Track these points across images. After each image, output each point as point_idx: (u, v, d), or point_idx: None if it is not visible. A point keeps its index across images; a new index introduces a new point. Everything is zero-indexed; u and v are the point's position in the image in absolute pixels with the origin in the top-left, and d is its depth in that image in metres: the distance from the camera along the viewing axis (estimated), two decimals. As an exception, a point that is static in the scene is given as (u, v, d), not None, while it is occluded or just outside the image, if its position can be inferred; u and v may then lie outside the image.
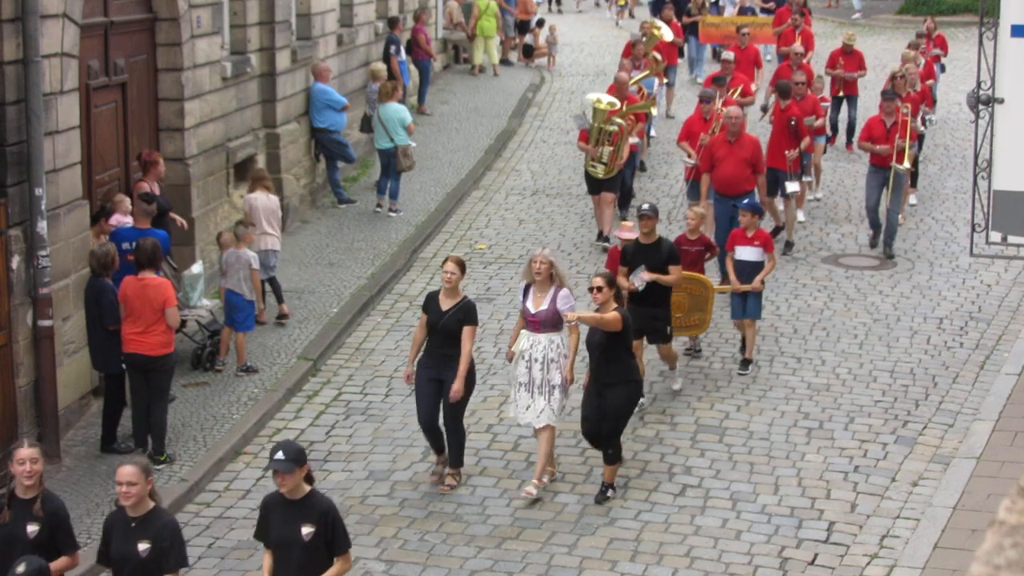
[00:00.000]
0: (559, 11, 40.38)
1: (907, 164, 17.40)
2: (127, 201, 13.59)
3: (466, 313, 11.50)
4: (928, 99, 19.99)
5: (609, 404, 11.28)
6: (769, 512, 11.36)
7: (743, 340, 14.37)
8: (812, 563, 10.58)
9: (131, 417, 12.34)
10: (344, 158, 19.97)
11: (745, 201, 14.84)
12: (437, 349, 11.52)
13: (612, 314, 11.44)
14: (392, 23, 23.79)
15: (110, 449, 12.34)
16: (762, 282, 14.17)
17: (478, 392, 12.43)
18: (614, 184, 17.90)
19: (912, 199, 19.73)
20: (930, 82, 22.47)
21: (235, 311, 14.08)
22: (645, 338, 13.12)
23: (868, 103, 22.95)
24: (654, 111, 20.81)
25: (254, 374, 14.01)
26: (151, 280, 12.08)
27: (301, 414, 13.37)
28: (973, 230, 14.09)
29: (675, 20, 26.06)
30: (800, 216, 18.83)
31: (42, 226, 11.91)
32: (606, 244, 17.23)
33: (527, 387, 11.53)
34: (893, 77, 19.20)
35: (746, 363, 14.23)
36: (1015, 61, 13.32)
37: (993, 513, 3.06)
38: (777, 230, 17.78)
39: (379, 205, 19.61)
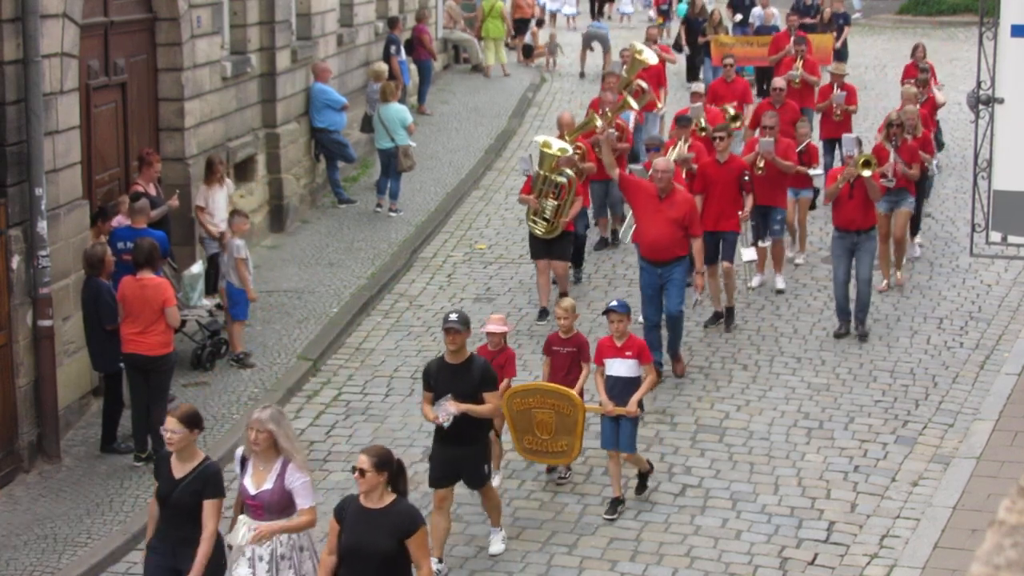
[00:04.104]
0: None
1: (868, 173, 14.38)
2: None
3: (206, 481, 8.59)
4: (929, 145, 17.15)
5: None
6: (769, 512, 11.36)
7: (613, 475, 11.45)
8: (812, 563, 10.58)
9: (131, 417, 12.35)
10: (344, 158, 19.99)
11: (614, 302, 11.56)
12: (171, 530, 8.63)
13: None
14: (392, 23, 23.80)
15: (110, 449, 12.36)
16: (639, 404, 11.26)
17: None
18: (564, 249, 15.21)
19: (917, 250, 17.52)
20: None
21: (232, 303, 14.17)
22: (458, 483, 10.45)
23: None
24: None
25: (249, 368, 14.02)
26: (150, 280, 12.09)
27: (301, 414, 13.37)
28: (973, 230, 14.09)
29: (662, 43, 25.04)
30: (780, 283, 16.33)
31: (42, 226, 11.92)
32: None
33: None
34: (890, 124, 16.24)
35: (643, 484, 11.62)
36: (1015, 61, 13.32)
37: (993, 513, 3.06)
38: (717, 316, 15.25)
39: (379, 205, 19.62)
